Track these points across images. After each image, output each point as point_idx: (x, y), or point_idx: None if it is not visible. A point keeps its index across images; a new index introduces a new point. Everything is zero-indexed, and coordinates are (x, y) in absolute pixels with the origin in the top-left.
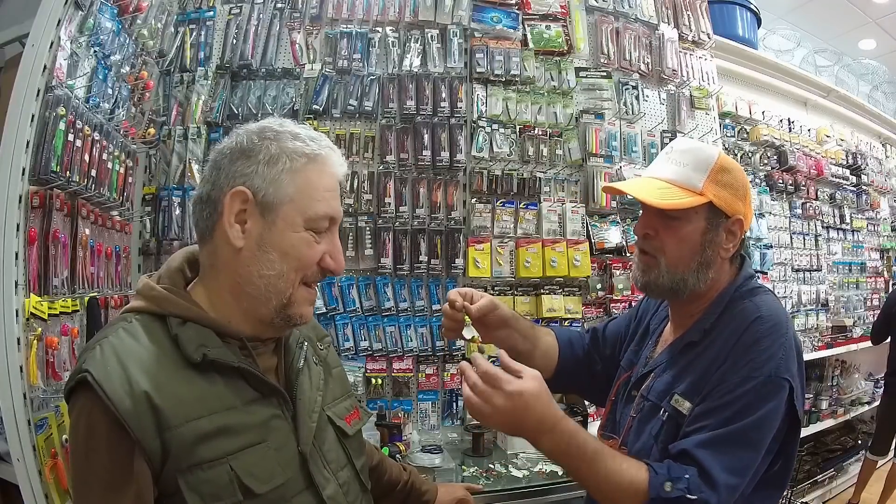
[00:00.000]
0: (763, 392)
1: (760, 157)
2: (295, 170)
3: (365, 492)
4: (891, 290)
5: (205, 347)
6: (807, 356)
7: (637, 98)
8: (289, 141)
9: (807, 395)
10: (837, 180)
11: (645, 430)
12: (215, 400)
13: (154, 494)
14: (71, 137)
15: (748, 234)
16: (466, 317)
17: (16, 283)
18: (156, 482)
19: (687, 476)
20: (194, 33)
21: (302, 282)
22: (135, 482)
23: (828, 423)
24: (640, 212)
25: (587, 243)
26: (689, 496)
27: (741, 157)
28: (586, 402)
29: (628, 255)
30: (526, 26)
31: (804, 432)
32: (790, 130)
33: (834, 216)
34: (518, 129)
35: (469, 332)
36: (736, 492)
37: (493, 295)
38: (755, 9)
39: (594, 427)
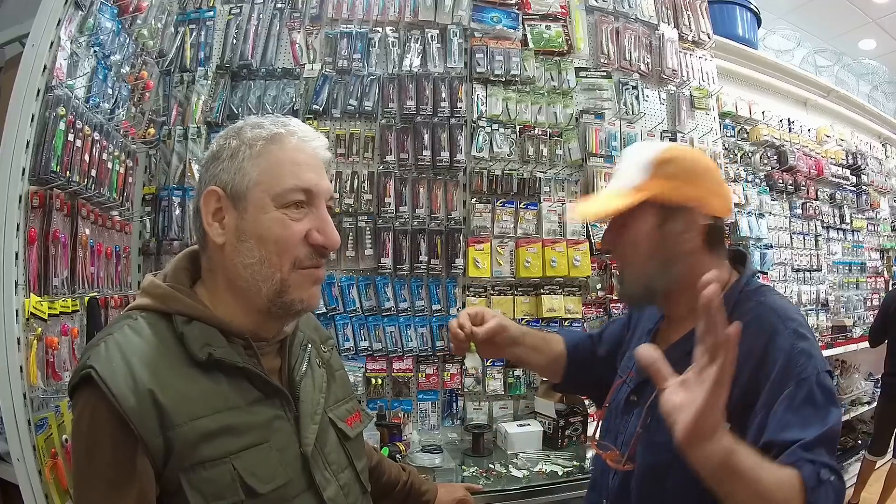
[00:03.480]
0: (827, 387)
1: (760, 157)
2: (255, 154)
3: (365, 493)
4: (891, 289)
5: (210, 346)
6: None
7: (637, 98)
8: (248, 131)
9: None
10: (837, 180)
11: (660, 444)
12: (219, 399)
13: (156, 492)
14: (71, 137)
15: (752, 233)
16: (472, 343)
17: (16, 283)
18: (158, 480)
19: (806, 460)
20: (194, 33)
21: (295, 266)
22: (137, 480)
23: None
24: None
25: (587, 243)
26: (831, 478)
27: (741, 157)
28: (587, 402)
29: None
30: (526, 26)
31: None
32: (790, 130)
33: (834, 216)
34: (518, 129)
35: (471, 362)
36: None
37: (492, 295)
38: (755, 9)
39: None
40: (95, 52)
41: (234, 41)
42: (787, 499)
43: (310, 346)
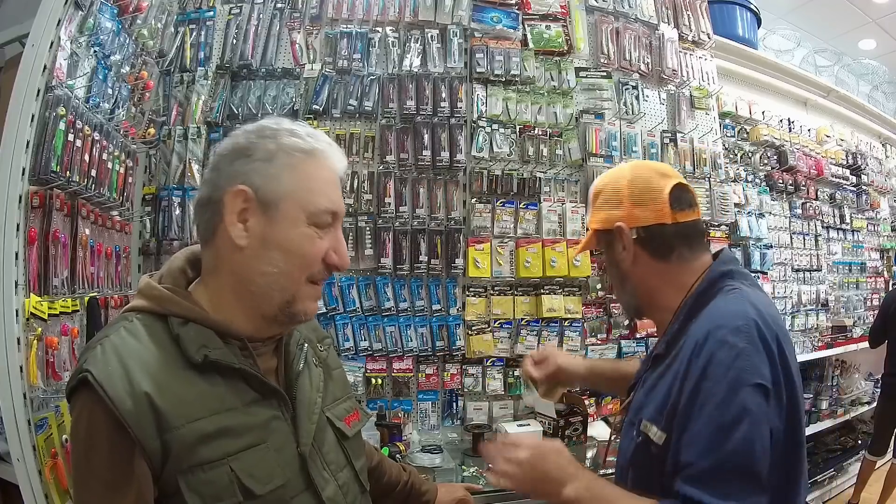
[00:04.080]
0: (733, 409)
1: (760, 157)
2: (293, 165)
3: (364, 493)
4: (891, 289)
5: (206, 348)
6: (807, 356)
7: (637, 98)
8: (286, 137)
9: (807, 396)
10: (837, 180)
11: (622, 447)
12: (216, 401)
13: (154, 495)
14: (71, 137)
15: (752, 233)
16: (531, 383)
17: (16, 283)
18: (156, 483)
19: None
20: (194, 33)
21: (308, 280)
22: (135, 482)
23: (827, 423)
24: None
25: None
26: None
27: (741, 157)
28: (586, 403)
29: None
30: (526, 26)
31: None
32: (790, 130)
33: (834, 216)
34: (518, 129)
35: (529, 399)
36: None
37: (492, 295)
38: (755, 9)
39: (594, 427)
40: (95, 52)
41: (234, 41)
42: None
43: (306, 345)
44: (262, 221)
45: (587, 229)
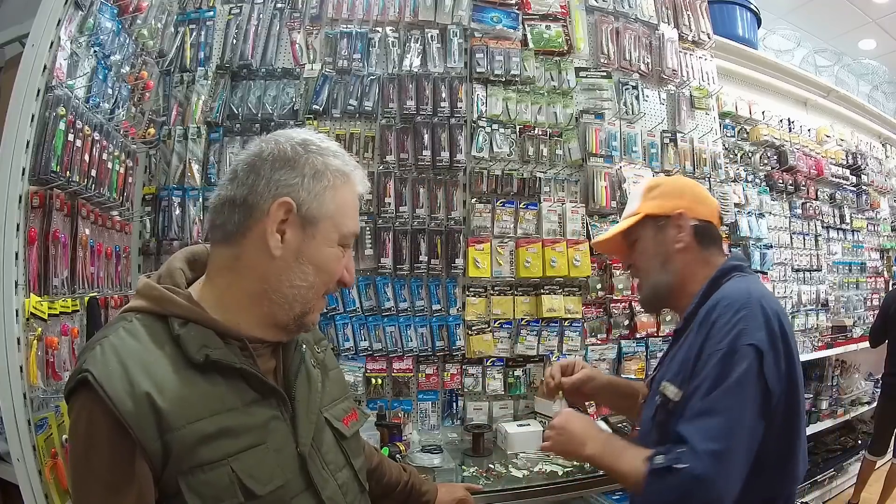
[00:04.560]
0: (728, 362)
1: (760, 157)
2: (336, 187)
3: (363, 492)
4: (891, 289)
5: (207, 348)
6: (807, 356)
7: (637, 98)
8: (331, 157)
9: (807, 395)
10: (837, 180)
11: (645, 417)
12: (216, 401)
13: (154, 496)
14: (71, 137)
15: (752, 233)
16: (560, 391)
17: (16, 283)
18: (156, 484)
19: (678, 450)
20: (194, 33)
21: (325, 294)
22: (136, 483)
23: (827, 423)
24: None
25: (587, 243)
26: (674, 465)
27: (741, 157)
28: (587, 403)
29: None
30: (526, 26)
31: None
32: (790, 130)
33: (834, 216)
34: (518, 129)
35: (558, 407)
36: (722, 458)
37: (492, 295)
38: (755, 9)
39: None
40: (95, 52)
41: (234, 41)
42: (637, 482)
43: (304, 346)
44: (299, 236)
45: (636, 214)
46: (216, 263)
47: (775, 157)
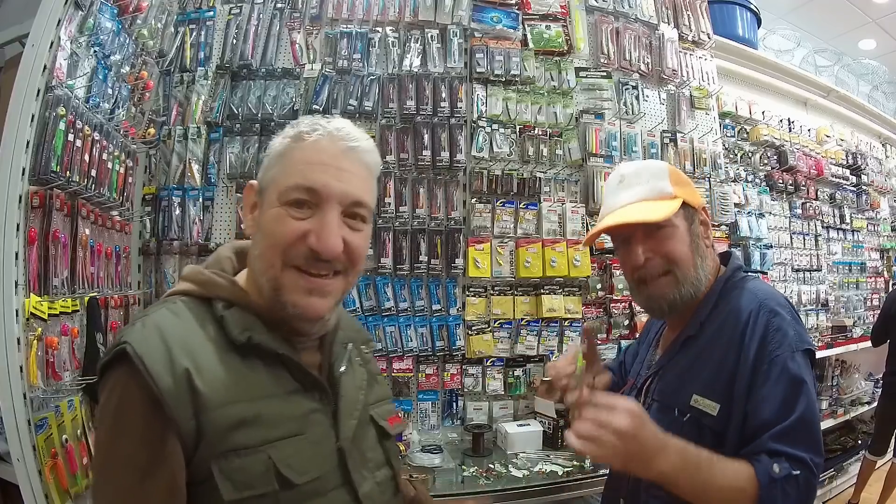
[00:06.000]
0: (799, 368)
1: (760, 157)
2: (282, 152)
3: (397, 495)
4: (891, 289)
5: (250, 331)
6: None
7: (637, 98)
8: (288, 130)
9: None
10: (837, 180)
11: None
12: (256, 386)
13: (185, 481)
14: (71, 137)
15: (752, 233)
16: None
17: (16, 283)
18: (187, 466)
19: (785, 460)
20: (194, 33)
21: (287, 264)
22: (168, 464)
23: (828, 423)
24: (619, 247)
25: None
26: (793, 472)
27: (741, 157)
28: None
29: None
30: (526, 26)
31: None
32: (790, 130)
33: (834, 216)
34: (518, 129)
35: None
36: (819, 452)
37: (492, 295)
38: (755, 9)
39: None
40: (95, 52)
41: (234, 41)
42: (744, 496)
43: (350, 345)
44: (259, 209)
45: (674, 198)
46: (248, 257)
47: (775, 157)
